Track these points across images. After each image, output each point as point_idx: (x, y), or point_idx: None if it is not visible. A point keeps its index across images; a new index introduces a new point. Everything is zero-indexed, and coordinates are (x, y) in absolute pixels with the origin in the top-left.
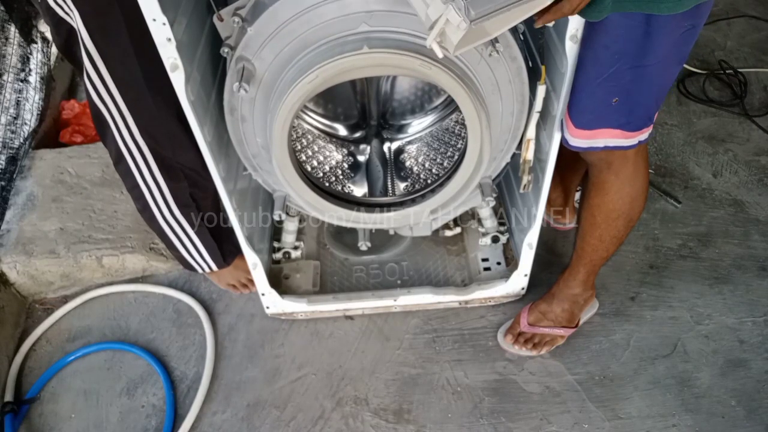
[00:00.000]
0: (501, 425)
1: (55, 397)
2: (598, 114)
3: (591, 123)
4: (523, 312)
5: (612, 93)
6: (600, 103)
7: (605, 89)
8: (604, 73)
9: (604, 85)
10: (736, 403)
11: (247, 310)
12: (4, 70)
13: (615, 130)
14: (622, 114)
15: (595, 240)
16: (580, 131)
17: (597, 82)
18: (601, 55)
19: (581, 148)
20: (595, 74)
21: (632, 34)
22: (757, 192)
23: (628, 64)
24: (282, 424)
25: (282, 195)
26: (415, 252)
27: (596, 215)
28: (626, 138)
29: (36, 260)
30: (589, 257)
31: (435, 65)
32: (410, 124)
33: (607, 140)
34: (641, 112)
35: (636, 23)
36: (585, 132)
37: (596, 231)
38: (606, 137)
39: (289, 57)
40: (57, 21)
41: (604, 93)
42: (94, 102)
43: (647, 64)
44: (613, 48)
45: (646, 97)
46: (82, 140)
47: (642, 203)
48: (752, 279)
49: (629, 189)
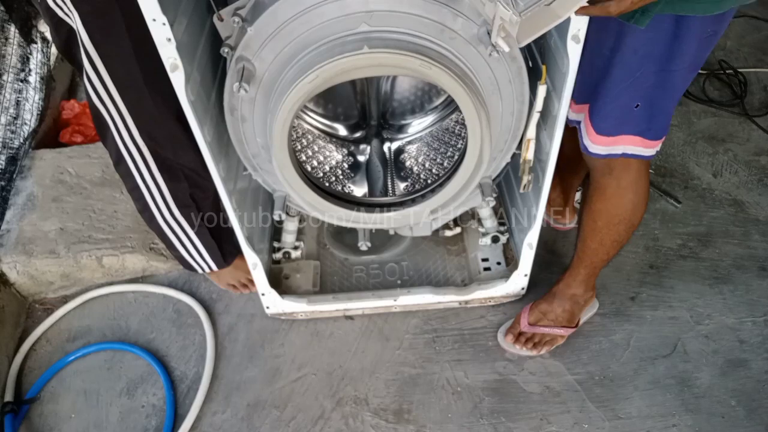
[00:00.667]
0: (501, 425)
1: (55, 397)
2: (619, 120)
3: (612, 129)
4: (524, 312)
5: (635, 98)
6: (622, 109)
7: (629, 94)
8: (629, 78)
9: (629, 89)
10: (736, 403)
11: (247, 310)
12: (3, 70)
13: (635, 137)
14: (643, 120)
15: (596, 244)
16: (601, 138)
17: (622, 86)
18: (629, 59)
19: (601, 155)
20: (620, 78)
21: (662, 37)
22: (757, 192)
23: (654, 68)
24: (282, 424)
25: (282, 195)
26: (415, 252)
27: (597, 220)
28: (646, 147)
29: (36, 260)
30: (589, 260)
31: (435, 65)
32: (410, 124)
33: (626, 147)
34: (661, 118)
35: (666, 26)
36: (605, 138)
37: (597, 235)
38: (626, 144)
39: (289, 57)
40: (57, 22)
41: (628, 98)
42: (93, 103)
43: (673, 69)
44: (642, 51)
45: (667, 103)
46: (82, 140)
47: (643, 209)
48: (752, 279)
49: (631, 195)
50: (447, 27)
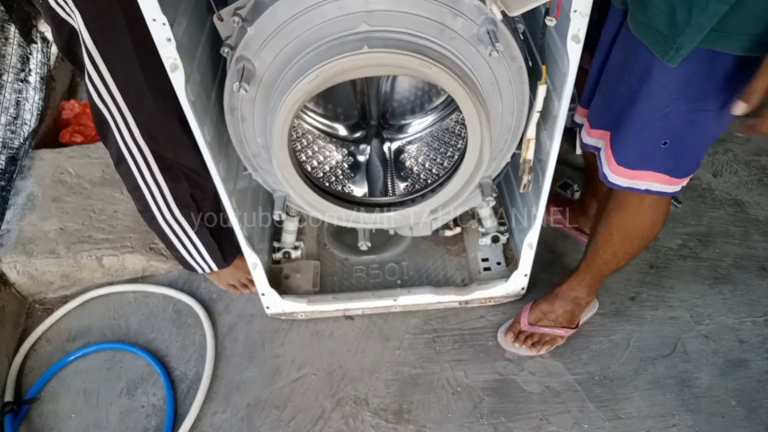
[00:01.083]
0: (501, 425)
1: (55, 397)
2: (644, 155)
3: (635, 163)
4: (524, 311)
5: (663, 135)
6: (648, 144)
7: (656, 129)
8: (657, 113)
9: (656, 125)
10: (736, 403)
11: (247, 310)
12: (4, 70)
13: (660, 174)
14: (670, 158)
15: (609, 255)
16: (622, 169)
17: (648, 120)
18: (657, 93)
19: (620, 186)
20: (647, 111)
21: (695, 74)
22: (757, 192)
23: (686, 107)
24: (282, 424)
25: (282, 195)
26: (415, 252)
27: (614, 234)
28: (671, 184)
29: (36, 260)
30: (599, 268)
31: (435, 65)
32: (410, 124)
33: (649, 184)
34: (690, 158)
35: (700, 63)
36: (627, 171)
37: (611, 248)
38: (649, 180)
39: (289, 57)
40: (58, 22)
41: (654, 133)
42: (95, 103)
43: (706, 108)
44: (672, 87)
45: (698, 144)
46: (82, 140)
47: (661, 226)
48: (752, 279)
49: (652, 213)
50: (447, 27)
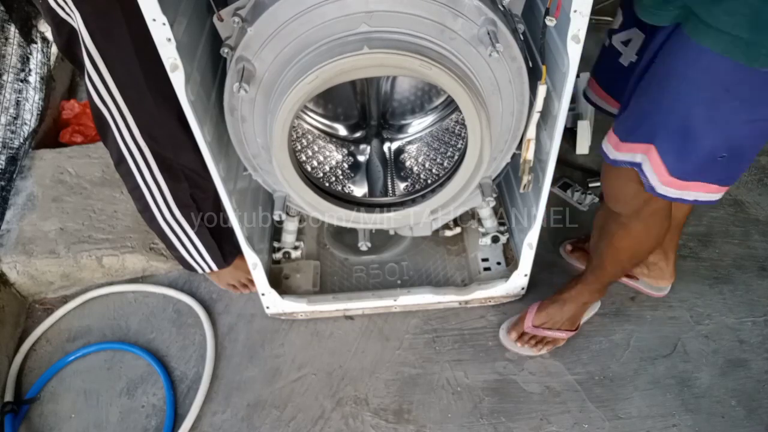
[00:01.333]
0: (501, 425)
1: (55, 397)
2: (700, 167)
3: (689, 175)
4: (530, 312)
5: (722, 148)
6: (706, 157)
7: (715, 142)
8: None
9: (716, 137)
10: (736, 403)
11: (247, 310)
12: (4, 70)
13: (711, 185)
14: (724, 170)
15: (617, 270)
16: (674, 180)
17: (705, 130)
18: (716, 102)
19: (669, 197)
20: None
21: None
22: (757, 192)
23: (746, 117)
24: (282, 424)
25: (282, 195)
26: (415, 252)
27: (621, 256)
28: (718, 192)
29: (36, 260)
30: (607, 278)
31: (435, 65)
32: (410, 124)
33: (698, 194)
34: (742, 168)
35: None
36: (679, 182)
37: (619, 265)
38: (699, 191)
39: (289, 57)
40: (58, 22)
41: (714, 146)
42: (95, 103)
43: (763, 118)
44: (734, 91)
45: (753, 153)
46: (82, 140)
47: (665, 236)
48: (752, 279)
49: (655, 232)
50: (447, 27)
